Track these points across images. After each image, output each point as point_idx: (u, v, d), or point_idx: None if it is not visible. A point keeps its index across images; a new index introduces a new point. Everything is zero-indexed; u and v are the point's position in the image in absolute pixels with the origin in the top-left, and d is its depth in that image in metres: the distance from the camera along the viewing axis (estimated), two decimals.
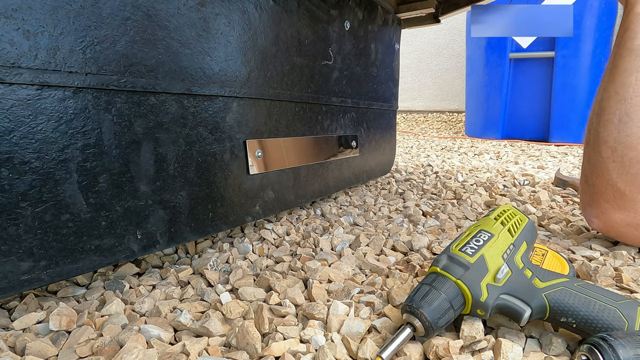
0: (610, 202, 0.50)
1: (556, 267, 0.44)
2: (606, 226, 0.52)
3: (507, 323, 0.36)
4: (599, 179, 0.51)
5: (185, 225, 0.48)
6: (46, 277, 0.36)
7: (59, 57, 0.35)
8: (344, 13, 0.75)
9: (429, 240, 0.58)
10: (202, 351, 0.33)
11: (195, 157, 0.48)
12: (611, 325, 0.30)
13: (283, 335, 0.35)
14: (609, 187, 0.49)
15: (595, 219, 0.54)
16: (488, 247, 0.37)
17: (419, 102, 3.75)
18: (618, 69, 0.48)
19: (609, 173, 0.49)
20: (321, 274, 0.46)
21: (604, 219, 0.52)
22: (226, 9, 0.50)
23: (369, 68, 0.87)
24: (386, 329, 0.35)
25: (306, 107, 0.68)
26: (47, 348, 0.33)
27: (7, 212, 0.33)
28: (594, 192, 0.52)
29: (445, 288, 0.33)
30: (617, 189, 0.49)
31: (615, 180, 0.48)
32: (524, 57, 2.04)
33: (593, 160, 0.51)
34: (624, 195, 0.48)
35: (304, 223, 0.69)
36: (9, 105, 0.32)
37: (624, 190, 0.48)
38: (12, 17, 0.32)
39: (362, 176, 0.92)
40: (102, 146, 0.39)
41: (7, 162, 0.32)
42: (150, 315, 0.39)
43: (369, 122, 0.90)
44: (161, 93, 0.44)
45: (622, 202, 0.49)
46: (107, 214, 0.40)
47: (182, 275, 0.48)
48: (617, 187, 0.48)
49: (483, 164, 1.43)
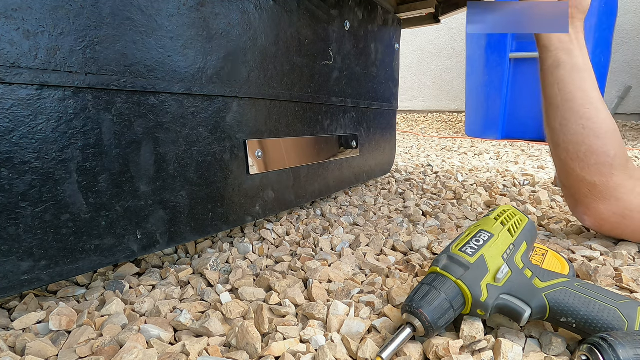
0: (589, 196, 0.53)
1: (556, 267, 0.44)
2: (597, 220, 0.54)
3: (507, 323, 0.36)
4: (570, 178, 0.54)
5: (185, 225, 0.48)
6: (46, 277, 0.36)
7: (59, 57, 0.35)
8: (344, 13, 0.74)
9: (429, 240, 0.58)
10: (202, 351, 0.33)
11: (195, 157, 0.48)
12: (611, 325, 0.30)
13: (283, 335, 0.35)
14: (580, 182, 0.53)
15: (585, 216, 0.55)
16: (488, 247, 0.37)
17: (419, 102, 3.75)
18: (545, 85, 0.55)
19: (574, 171, 0.53)
20: (321, 274, 0.46)
21: (591, 214, 0.54)
22: (226, 9, 0.50)
23: (369, 68, 0.87)
24: (386, 329, 0.35)
25: (306, 107, 0.68)
26: (47, 348, 0.33)
27: (7, 212, 0.33)
28: (572, 192, 0.55)
29: (445, 288, 0.33)
30: (587, 182, 0.52)
31: (583, 175, 0.52)
32: (524, 57, 2.04)
33: (558, 164, 0.56)
34: (596, 186, 0.51)
35: (304, 223, 0.69)
36: (9, 105, 0.32)
37: (593, 181, 0.51)
38: (12, 17, 0.32)
39: (362, 176, 0.92)
40: (102, 146, 0.39)
41: (7, 162, 0.32)
42: (150, 315, 0.39)
43: (369, 122, 0.90)
44: (161, 93, 0.44)
45: (598, 192, 0.52)
46: (107, 214, 0.40)
47: (182, 275, 0.48)
48: (587, 181, 0.52)
49: (483, 164, 1.43)
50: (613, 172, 0.50)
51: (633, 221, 0.51)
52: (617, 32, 2.00)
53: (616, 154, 0.50)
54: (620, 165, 0.50)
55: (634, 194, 0.50)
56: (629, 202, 0.50)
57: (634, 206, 0.50)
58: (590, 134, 0.50)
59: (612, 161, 0.50)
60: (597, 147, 0.50)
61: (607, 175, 0.50)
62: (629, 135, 2.34)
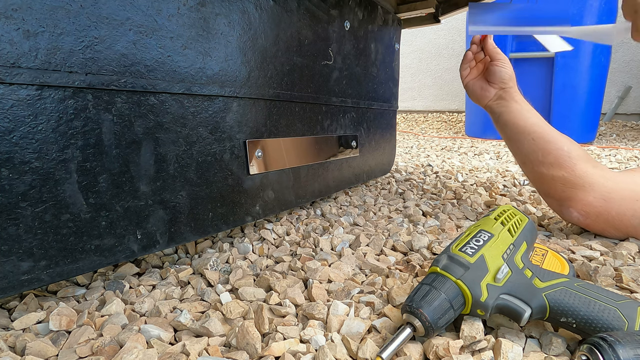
0: (565, 189, 0.57)
1: (556, 267, 0.44)
2: (584, 212, 0.56)
3: (507, 323, 0.36)
4: (543, 182, 0.60)
5: (186, 225, 0.48)
6: (46, 277, 0.36)
7: (59, 57, 0.35)
8: (344, 13, 0.74)
9: (429, 240, 0.58)
10: (202, 351, 0.33)
11: (196, 157, 0.48)
12: (611, 325, 0.30)
13: (283, 335, 0.35)
14: (552, 181, 0.58)
15: (572, 211, 0.57)
16: (488, 247, 0.37)
17: (419, 102, 3.75)
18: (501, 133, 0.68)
19: (542, 174, 0.59)
20: (321, 274, 0.46)
21: (575, 205, 0.57)
22: (226, 9, 0.50)
23: (369, 68, 0.87)
24: (386, 329, 0.35)
25: (306, 107, 0.68)
26: (47, 348, 0.33)
27: (7, 212, 0.33)
28: (551, 193, 0.60)
29: (445, 288, 0.33)
30: (557, 177, 0.57)
31: (550, 173, 0.58)
32: (524, 57, 2.03)
33: (531, 178, 0.63)
34: (566, 178, 0.56)
35: (304, 223, 0.69)
36: (9, 105, 0.32)
37: (562, 175, 0.57)
38: (12, 17, 0.32)
39: (362, 176, 0.92)
40: (102, 146, 0.39)
41: (7, 162, 0.32)
42: (150, 315, 0.39)
43: (369, 122, 0.90)
44: (161, 93, 0.44)
45: (570, 183, 0.56)
46: (107, 214, 0.40)
47: (182, 275, 0.48)
48: (557, 176, 0.57)
49: (483, 164, 1.43)
50: (574, 162, 0.56)
51: (614, 203, 0.54)
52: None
53: (570, 148, 0.57)
54: (579, 157, 0.56)
55: (605, 179, 0.54)
56: (603, 186, 0.54)
57: (609, 189, 0.54)
58: (539, 141, 0.59)
59: (568, 153, 0.56)
60: (549, 147, 0.58)
61: (571, 166, 0.56)
62: (629, 135, 2.34)
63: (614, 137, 2.28)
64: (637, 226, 0.53)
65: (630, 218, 0.53)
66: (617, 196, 0.53)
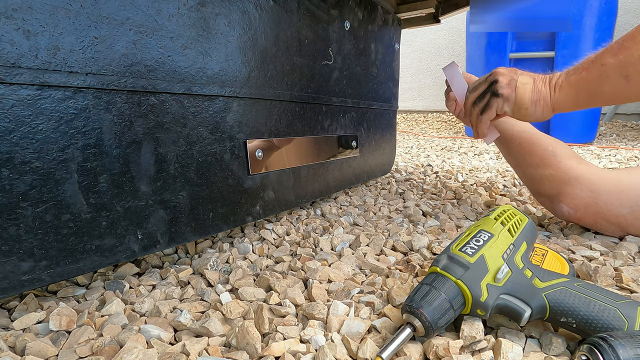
0: (554, 186, 0.60)
1: (556, 267, 0.44)
2: (574, 205, 0.58)
3: (507, 323, 0.36)
4: (534, 182, 0.64)
5: (186, 225, 0.48)
6: (47, 277, 0.36)
7: (59, 57, 0.35)
8: (344, 13, 0.75)
9: (429, 240, 0.58)
10: (202, 351, 0.33)
11: (196, 157, 0.48)
12: (611, 325, 0.30)
13: (283, 335, 0.35)
14: (541, 180, 0.62)
15: (562, 206, 0.59)
16: (488, 247, 0.37)
17: (419, 102, 3.75)
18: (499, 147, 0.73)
19: (532, 175, 0.64)
20: (321, 274, 0.46)
21: (565, 200, 0.59)
22: (226, 9, 0.50)
23: (369, 68, 0.87)
24: (386, 329, 0.35)
25: (306, 107, 0.68)
26: (47, 348, 0.33)
27: (7, 212, 0.33)
28: (542, 192, 0.63)
29: (445, 288, 0.33)
30: (545, 176, 0.61)
31: (539, 173, 0.62)
32: (524, 57, 2.03)
33: (524, 180, 0.68)
34: (553, 175, 0.60)
35: (304, 223, 0.69)
36: (9, 105, 0.32)
37: (549, 173, 0.61)
38: (12, 17, 0.32)
39: (362, 176, 0.92)
40: (102, 146, 0.39)
41: (7, 162, 0.33)
42: (150, 315, 0.39)
43: (369, 122, 0.90)
44: (161, 93, 0.44)
45: (558, 179, 0.59)
46: (107, 214, 0.40)
47: (182, 275, 0.48)
48: (545, 175, 0.61)
49: (483, 164, 1.43)
50: (559, 160, 0.60)
51: (600, 194, 0.56)
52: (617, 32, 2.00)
53: (554, 147, 0.61)
54: (563, 154, 0.60)
55: (590, 173, 0.57)
56: (589, 179, 0.57)
57: (595, 182, 0.56)
58: (525, 144, 0.65)
59: (552, 152, 0.61)
60: (535, 149, 0.63)
61: (556, 163, 0.60)
62: (629, 135, 2.34)
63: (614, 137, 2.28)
64: (626, 215, 0.54)
65: (618, 207, 0.54)
66: (603, 189, 0.56)
